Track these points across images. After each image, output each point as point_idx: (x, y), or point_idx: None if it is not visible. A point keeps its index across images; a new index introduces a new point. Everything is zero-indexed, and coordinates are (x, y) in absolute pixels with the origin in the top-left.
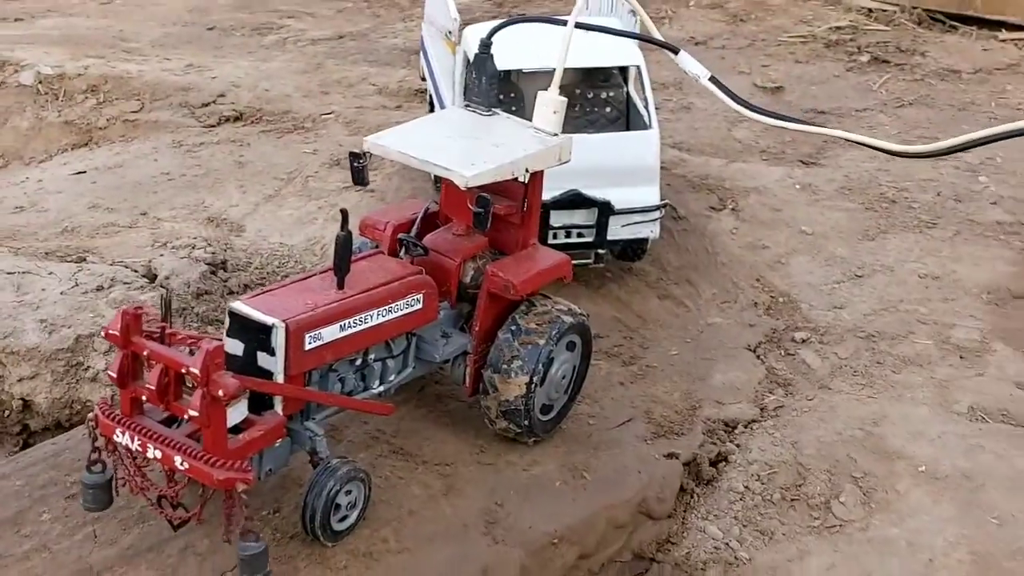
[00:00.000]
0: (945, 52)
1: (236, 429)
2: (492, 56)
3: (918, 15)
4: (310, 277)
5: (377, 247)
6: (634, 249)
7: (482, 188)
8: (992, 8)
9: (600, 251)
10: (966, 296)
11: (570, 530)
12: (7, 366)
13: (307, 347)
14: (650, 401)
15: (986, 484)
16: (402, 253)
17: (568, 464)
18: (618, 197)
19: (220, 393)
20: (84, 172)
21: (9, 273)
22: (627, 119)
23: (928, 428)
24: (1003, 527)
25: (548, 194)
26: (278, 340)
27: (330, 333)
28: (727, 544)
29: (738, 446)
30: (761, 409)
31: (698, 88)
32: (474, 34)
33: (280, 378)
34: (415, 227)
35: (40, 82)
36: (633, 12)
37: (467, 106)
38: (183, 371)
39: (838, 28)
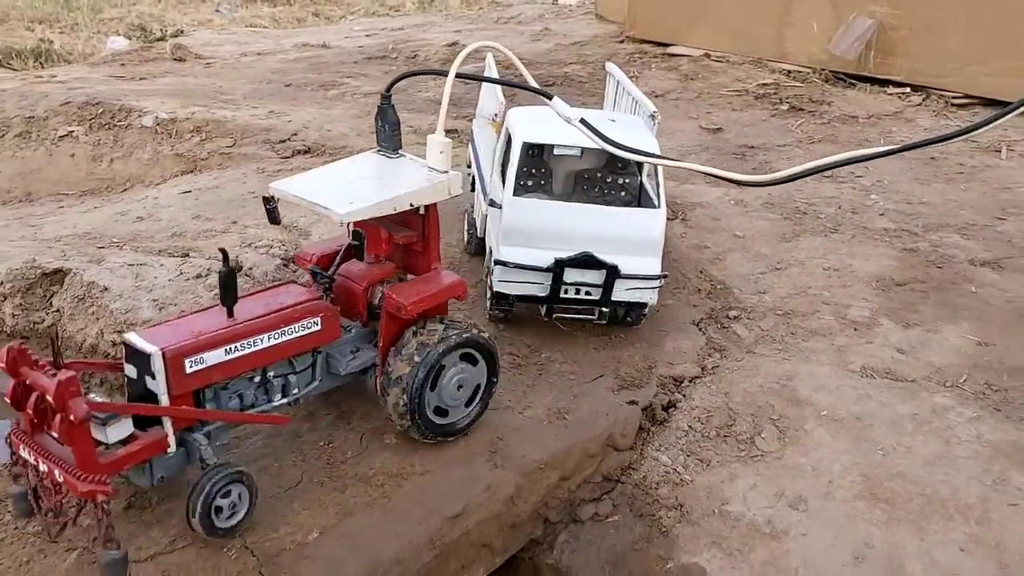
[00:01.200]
0: (846, 103)
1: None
2: (392, 106)
3: (826, 75)
4: (209, 309)
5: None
6: (635, 314)
7: (385, 220)
8: (882, 70)
9: (604, 309)
10: (859, 283)
11: (553, 458)
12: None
13: (188, 370)
14: (616, 362)
15: (873, 424)
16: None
17: (553, 408)
18: (624, 263)
19: (72, 417)
20: (189, 191)
21: (131, 265)
22: (639, 199)
23: (829, 383)
24: (886, 456)
25: (565, 253)
26: (157, 366)
27: (214, 357)
28: (675, 469)
29: (684, 396)
30: (702, 368)
31: (657, 131)
32: (516, 114)
33: (164, 399)
34: (339, 257)
35: (158, 124)
36: (653, 116)
37: (378, 150)
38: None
39: (765, 84)
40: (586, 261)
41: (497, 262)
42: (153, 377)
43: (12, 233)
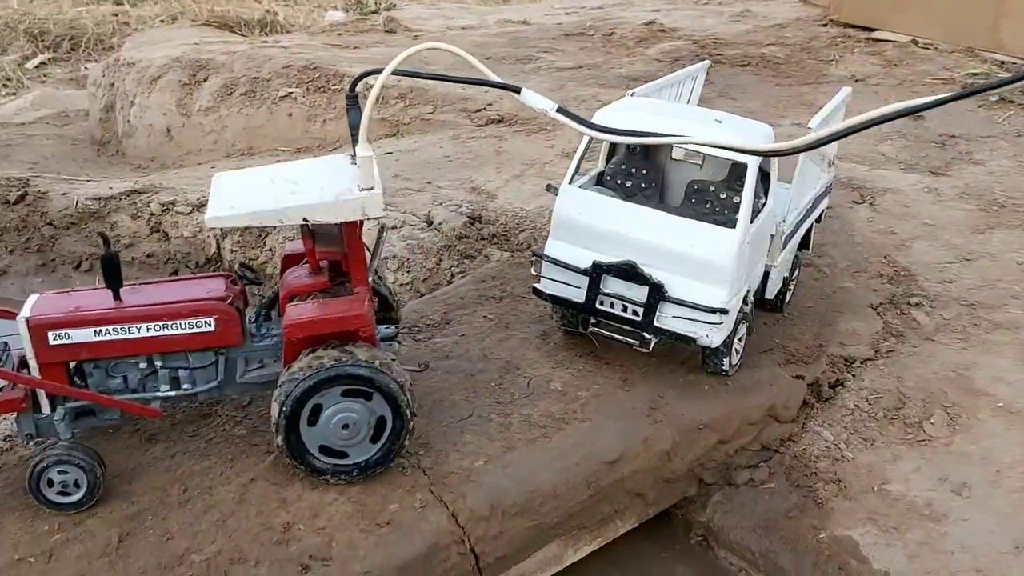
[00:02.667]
0: None
1: None
2: (356, 107)
3: None
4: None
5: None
6: (705, 355)
7: (320, 233)
8: None
9: (647, 335)
10: None
11: (713, 420)
12: None
13: (52, 342)
14: (787, 338)
15: None
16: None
17: (720, 377)
18: (677, 285)
19: None
20: (391, 153)
21: None
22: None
23: (1008, 375)
24: None
25: (607, 259)
26: (23, 332)
27: (81, 335)
28: (836, 445)
29: (853, 376)
30: (875, 351)
31: (854, 113)
32: (601, 113)
33: (33, 364)
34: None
35: (367, 90)
36: (720, 120)
37: (349, 155)
38: None
39: (975, 74)
40: (627, 271)
41: (536, 254)
42: None
43: None
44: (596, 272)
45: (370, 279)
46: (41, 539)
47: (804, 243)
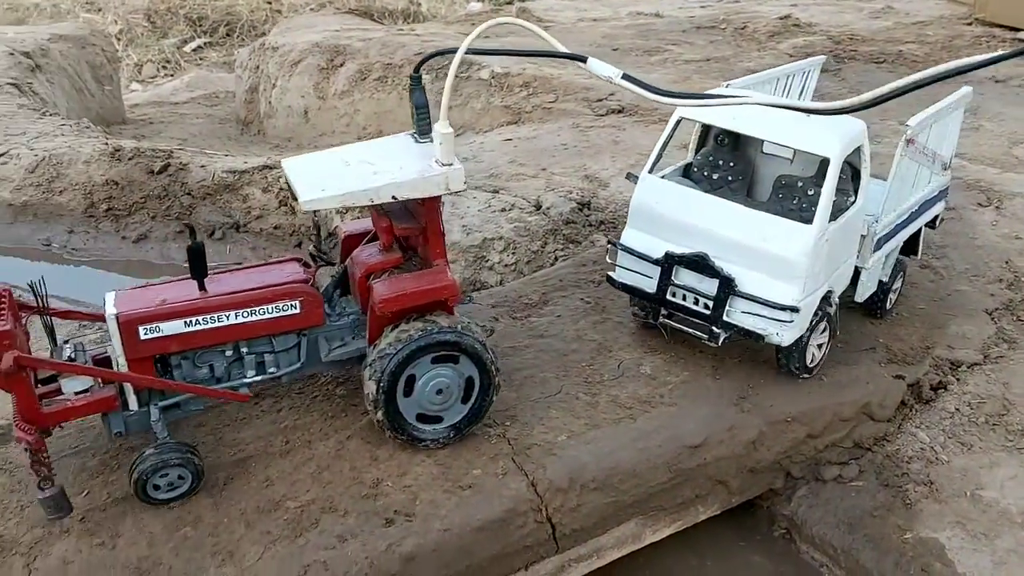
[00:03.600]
0: None
1: None
2: (421, 88)
3: None
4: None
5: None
6: (778, 354)
7: (391, 210)
8: None
9: (716, 329)
10: None
11: (802, 414)
12: None
13: (143, 337)
14: (892, 338)
15: None
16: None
17: (814, 371)
18: (748, 280)
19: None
20: (510, 139)
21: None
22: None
23: None
24: None
25: (680, 250)
26: (113, 329)
27: (172, 328)
28: (931, 448)
29: (957, 379)
30: (984, 356)
31: (990, 113)
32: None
33: (121, 361)
34: (366, 239)
35: (493, 78)
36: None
37: (411, 133)
38: None
39: None
40: (698, 262)
41: (611, 242)
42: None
43: None
44: (668, 262)
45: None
46: None
47: (911, 248)
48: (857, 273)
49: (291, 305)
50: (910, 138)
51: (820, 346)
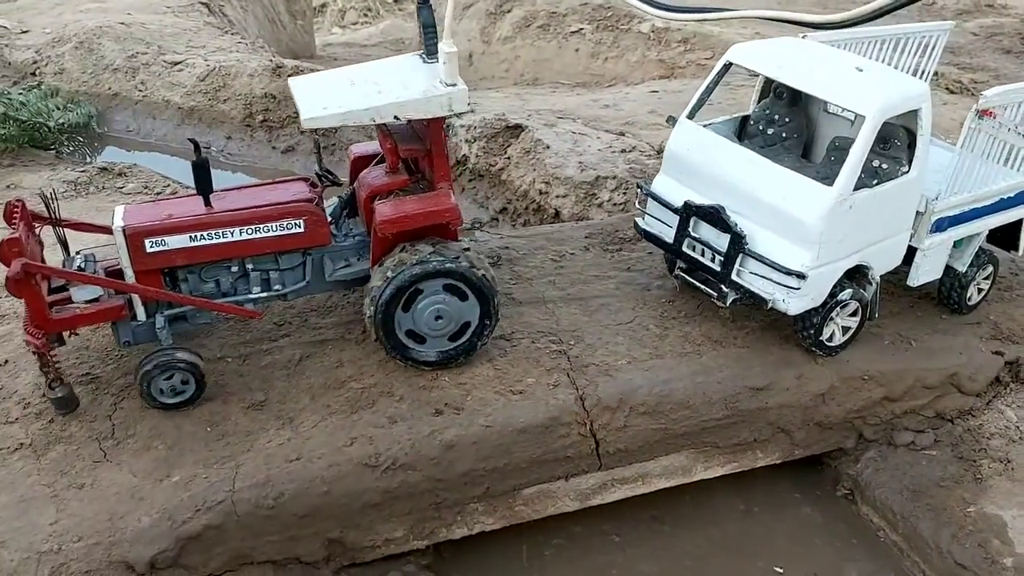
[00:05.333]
0: None
1: None
2: (429, 7)
3: None
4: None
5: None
6: (799, 326)
7: (397, 132)
8: None
9: (725, 289)
10: None
11: (881, 374)
12: (551, 186)
13: (149, 250)
14: (1003, 316)
15: None
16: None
17: (901, 332)
18: (761, 239)
19: (8, 274)
20: (656, 91)
21: (574, 133)
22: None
23: None
24: None
25: (700, 199)
26: (120, 241)
27: (177, 241)
28: (1017, 427)
29: None
30: None
31: None
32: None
33: (129, 272)
34: (375, 161)
35: (652, 32)
36: (862, 69)
37: (419, 54)
38: None
39: None
40: (711, 215)
41: (639, 187)
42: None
43: (507, 103)
44: (686, 212)
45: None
46: (240, 346)
47: (1010, 242)
48: (912, 253)
49: (295, 224)
50: (984, 109)
51: (846, 327)
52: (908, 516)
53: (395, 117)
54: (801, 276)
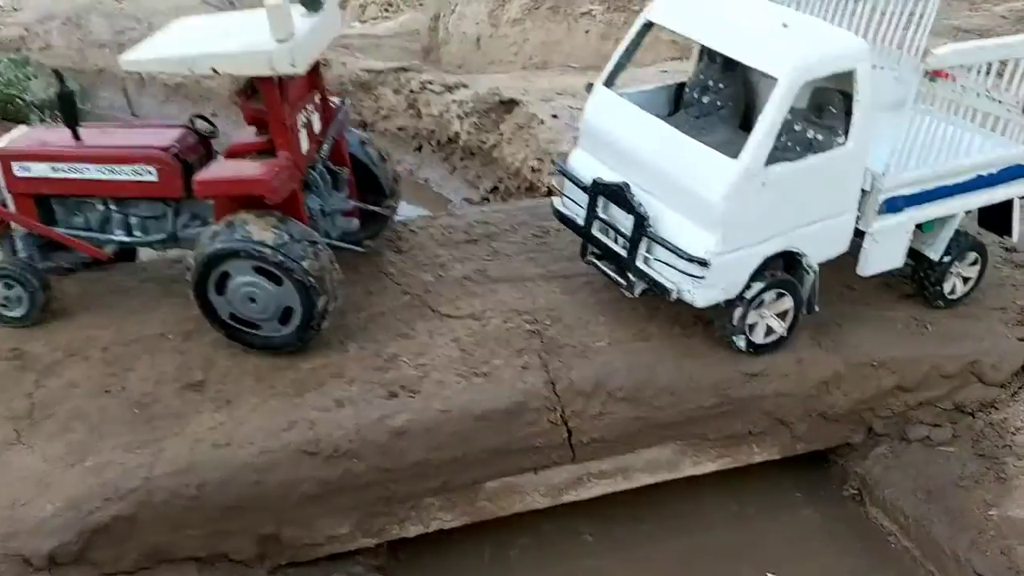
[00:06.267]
0: None
1: None
2: None
3: None
4: (88, 128)
5: None
6: (719, 319)
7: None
8: None
9: (630, 276)
10: None
11: (893, 361)
12: (545, 163)
13: (17, 174)
14: None
15: None
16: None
17: (916, 316)
18: (667, 221)
19: None
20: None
21: (570, 107)
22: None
23: None
24: None
25: (610, 176)
26: None
27: (40, 170)
28: None
29: None
30: None
31: None
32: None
33: (5, 193)
34: None
35: None
36: (787, 25)
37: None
38: None
39: None
40: (617, 193)
41: (554, 162)
42: None
43: (508, 82)
44: (594, 191)
45: (327, 145)
46: (184, 322)
47: (1000, 226)
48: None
49: (148, 171)
50: (935, 70)
51: (770, 326)
52: (922, 520)
53: (213, 70)
54: (703, 263)
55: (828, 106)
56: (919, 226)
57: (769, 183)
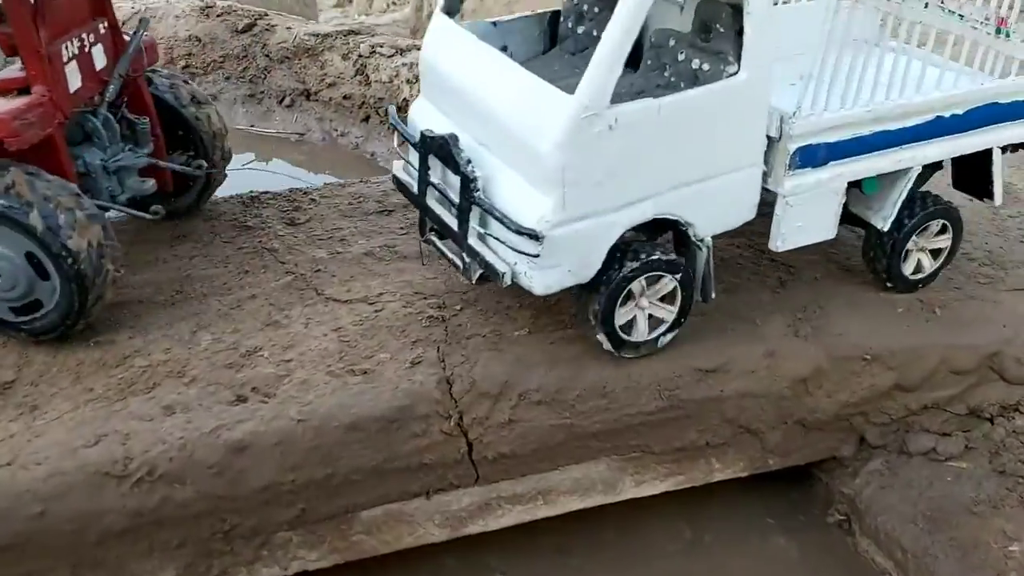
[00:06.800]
0: None
1: None
2: None
3: None
4: None
5: None
6: (579, 309)
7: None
8: None
9: (465, 257)
10: None
11: (890, 354)
12: None
13: None
14: None
15: None
16: None
17: (924, 297)
18: (501, 183)
19: None
20: None
21: None
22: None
23: None
24: None
25: (446, 127)
26: None
27: None
28: None
29: None
30: None
31: None
32: None
33: None
34: None
35: None
36: None
37: None
38: None
39: None
40: (442, 147)
41: (387, 112)
42: None
43: None
44: (423, 148)
45: (114, 85)
46: None
47: (978, 187)
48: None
49: None
50: None
51: (654, 316)
52: (923, 554)
53: None
54: (533, 236)
55: (715, 25)
56: (858, 186)
57: (620, 127)
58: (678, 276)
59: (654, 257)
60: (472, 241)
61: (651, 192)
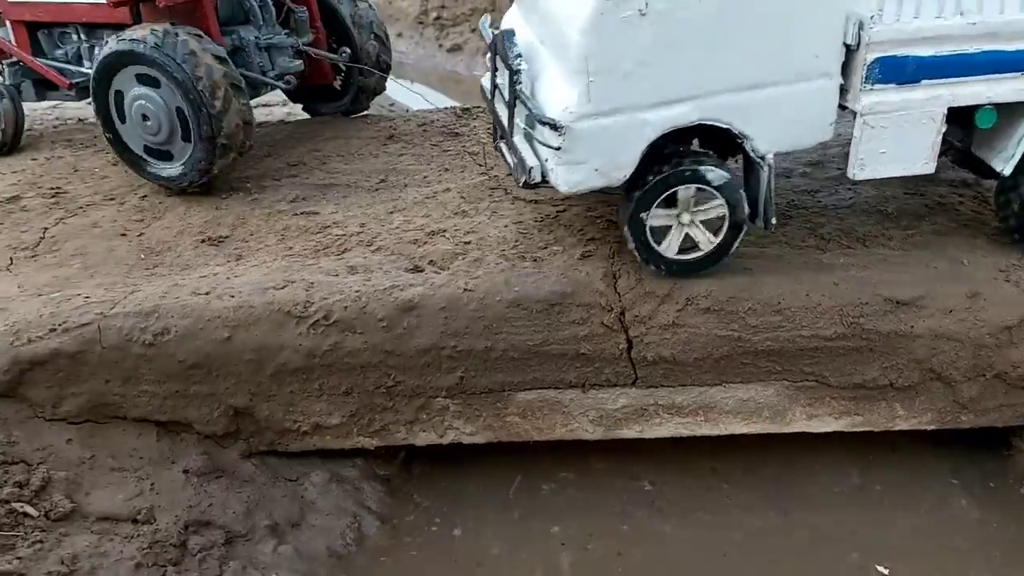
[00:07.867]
0: None
1: None
2: None
3: None
4: None
5: None
6: (624, 219)
7: None
8: None
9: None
10: None
11: None
12: None
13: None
14: None
15: None
16: None
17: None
18: (544, 77)
19: None
20: None
21: None
22: None
23: None
24: None
25: (524, 31)
26: None
27: None
28: None
29: None
30: None
31: None
32: None
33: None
34: None
35: None
36: None
37: None
38: None
39: None
40: (499, 44)
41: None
42: None
43: None
44: (492, 47)
45: None
46: (233, 180)
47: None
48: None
49: None
50: None
51: (690, 237)
52: None
53: None
54: (555, 127)
55: None
56: (972, 115)
57: (653, 12)
58: (727, 197)
59: (690, 167)
60: (516, 139)
61: (692, 92)
